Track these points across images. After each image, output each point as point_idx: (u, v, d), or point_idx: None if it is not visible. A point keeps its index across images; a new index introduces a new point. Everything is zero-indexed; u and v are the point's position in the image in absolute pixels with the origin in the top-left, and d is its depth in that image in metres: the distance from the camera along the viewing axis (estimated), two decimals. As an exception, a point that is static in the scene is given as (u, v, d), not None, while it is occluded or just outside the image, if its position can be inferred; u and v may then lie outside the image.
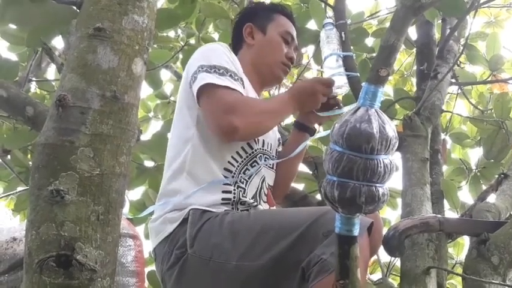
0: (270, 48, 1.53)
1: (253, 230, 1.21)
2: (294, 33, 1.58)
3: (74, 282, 0.79)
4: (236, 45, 1.59)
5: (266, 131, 1.41)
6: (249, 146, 1.39)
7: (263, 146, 1.45)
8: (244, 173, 1.36)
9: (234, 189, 1.33)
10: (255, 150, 1.40)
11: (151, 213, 1.42)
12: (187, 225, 1.26)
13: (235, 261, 1.19)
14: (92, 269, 0.80)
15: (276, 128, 1.61)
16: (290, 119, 2.67)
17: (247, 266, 1.18)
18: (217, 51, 1.38)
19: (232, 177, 1.34)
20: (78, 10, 0.98)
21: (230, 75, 1.32)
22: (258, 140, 1.42)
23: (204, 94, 1.30)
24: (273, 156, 1.50)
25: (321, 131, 1.65)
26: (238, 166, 1.36)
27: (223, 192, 1.32)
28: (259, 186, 1.40)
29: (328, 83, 1.45)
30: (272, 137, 1.52)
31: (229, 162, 1.35)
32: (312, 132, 1.57)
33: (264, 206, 1.41)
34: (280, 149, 1.62)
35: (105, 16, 0.90)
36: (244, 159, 1.38)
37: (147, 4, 0.95)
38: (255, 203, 1.37)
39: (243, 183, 1.36)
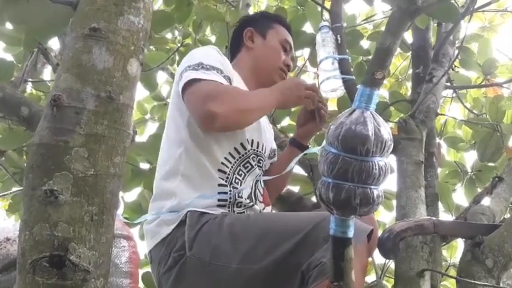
0: (269, 53, 1.55)
1: (254, 233, 1.21)
2: (292, 43, 1.62)
3: (67, 282, 0.78)
4: (234, 49, 1.61)
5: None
6: (242, 146, 1.39)
7: (257, 148, 1.45)
8: (238, 174, 1.37)
9: (230, 190, 1.33)
10: (248, 151, 1.40)
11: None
12: (185, 228, 1.26)
13: (235, 264, 1.19)
14: (85, 269, 0.80)
15: (272, 135, 1.63)
16: (286, 122, 2.68)
17: (248, 269, 1.18)
18: (206, 52, 1.40)
19: (227, 178, 1.34)
20: (74, 10, 0.98)
21: (216, 71, 1.33)
22: (252, 141, 1.42)
23: (187, 89, 1.31)
24: (266, 159, 1.51)
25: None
26: (232, 166, 1.36)
27: (219, 193, 1.32)
28: (254, 186, 1.40)
29: (311, 86, 1.48)
30: (269, 140, 1.53)
31: (222, 163, 1.35)
32: (304, 149, 1.58)
33: (259, 206, 1.41)
34: (275, 159, 1.63)
35: (101, 16, 0.90)
36: (237, 159, 1.38)
37: (143, 5, 0.94)
38: (251, 203, 1.37)
39: (237, 183, 1.36)
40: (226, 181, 1.34)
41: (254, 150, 1.43)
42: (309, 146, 1.59)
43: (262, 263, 1.17)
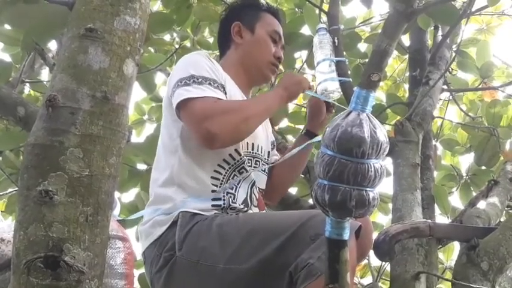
0: (258, 47, 1.53)
1: (240, 233, 1.21)
2: (281, 32, 1.59)
3: (61, 283, 0.78)
4: (223, 44, 1.59)
5: (250, 131, 1.37)
6: (236, 152, 1.38)
7: (252, 150, 1.44)
8: (233, 179, 1.36)
9: (224, 196, 1.33)
10: (242, 157, 1.39)
11: (142, 216, 1.41)
12: (176, 228, 1.26)
13: (222, 264, 1.19)
14: (79, 270, 0.79)
15: (269, 130, 1.61)
16: (284, 123, 2.68)
17: (235, 269, 1.18)
18: (196, 61, 1.37)
19: (220, 184, 1.34)
20: (70, 11, 0.98)
21: (209, 83, 1.32)
22: (246, 144, 1.41)
23: (182, 108, 1.30)
24: (265, 158, 1.49)
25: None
26: (225, 173, 1.36)
27: (213, 199, 1.32)
28: (249, 191, 1.40)
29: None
30: (263, 139, 1.51)
31: (215, 170, 1.34)
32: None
33: (254, 211, 1.40)
34: (275, 153, 1.62)
35: (97, 17, 0.90)
36: (232, 165, 1.37)
37: (139, 5, 0.94)
38: (245, 209, 1.36)
39: (232, 189, 1.36)
40: (219, 187, 1.34)
41: (249, 152, 1.42)
42: None
43: (248, 263, 1.16)
